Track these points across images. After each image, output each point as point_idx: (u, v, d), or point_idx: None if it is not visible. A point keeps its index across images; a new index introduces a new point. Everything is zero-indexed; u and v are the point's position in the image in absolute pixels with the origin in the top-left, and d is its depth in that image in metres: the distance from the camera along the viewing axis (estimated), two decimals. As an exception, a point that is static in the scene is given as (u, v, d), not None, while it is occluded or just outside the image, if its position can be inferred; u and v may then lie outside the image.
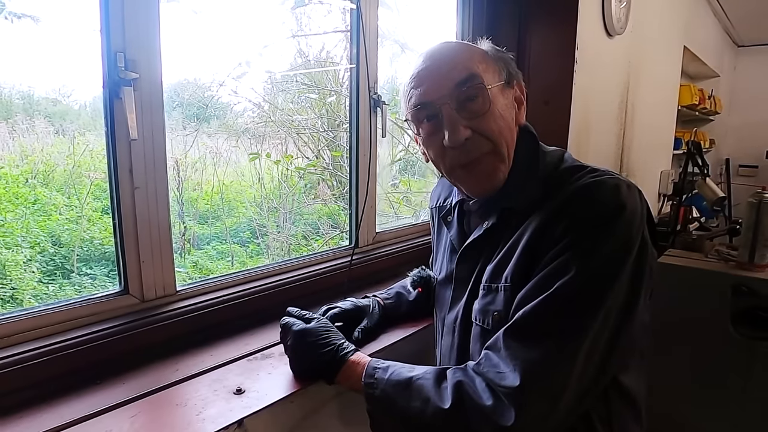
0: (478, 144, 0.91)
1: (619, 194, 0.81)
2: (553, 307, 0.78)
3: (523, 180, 0.93)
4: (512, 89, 0.96)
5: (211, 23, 2.40)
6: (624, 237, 0.79)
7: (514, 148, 0.95)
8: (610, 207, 0.80)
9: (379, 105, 1.56)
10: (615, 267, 0.78)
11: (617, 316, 0.79)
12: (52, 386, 0.91)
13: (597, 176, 0.86)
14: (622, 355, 0.84)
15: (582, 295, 0.77)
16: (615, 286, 0.78)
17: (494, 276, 0.91)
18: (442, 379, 0.85)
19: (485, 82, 0.89)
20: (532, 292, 0.81)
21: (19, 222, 2.50)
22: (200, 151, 3.19)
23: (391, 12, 2.12)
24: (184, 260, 2.91)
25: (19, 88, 2.62)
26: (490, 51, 0.96)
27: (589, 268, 0.78)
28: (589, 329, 0.77)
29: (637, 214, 0.81)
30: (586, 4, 1.89)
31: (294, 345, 0.99)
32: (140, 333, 1.04)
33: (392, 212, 3.19)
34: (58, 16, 1.95)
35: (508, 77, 0.95)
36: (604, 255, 0.78)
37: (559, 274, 0.78)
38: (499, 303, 0.89)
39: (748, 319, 1.86)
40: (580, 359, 0.76)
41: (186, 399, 0.92)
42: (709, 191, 2.59)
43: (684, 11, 3.34)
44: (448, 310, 1.05)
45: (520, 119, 0.98)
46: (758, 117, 5.54)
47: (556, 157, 0.95)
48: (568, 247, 0.80)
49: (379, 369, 0.90)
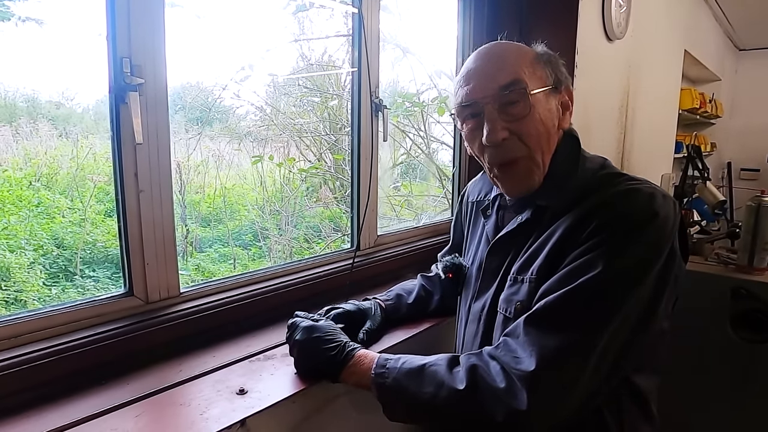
0: (514, 146, 0.94)
1: (653, 202, 0.83)
2: (576, 300, 0.80)
3: (561, 182, 0.95)
4: (559, 94, 0.98)
5: (213, 27, 2.42)
6: (653, 243, 0.82)
7: (556, 150, 0.98)
8: (643, 213, 0.83)
9: (380, 109, 1.57)
10: (641, 271, 0.80)
11: (637, 319, 0.81)
12: (57, 386, 0.93)
13: (634, 184, 0.88)
14: (637, 357, 0.86)
15: (605, 293, 0.79)
16: (638, 289, 0.80)
17: (522, 269, 0.94)
18: (455, 364, 0.86)
19: (528, 87, 0.92)
20: (557, 285, 0.83)
21: (23, 224, 2.51)
22: (203, 155, 3.21)
23: (392, 16, 2.14)
24: (187, 263, 2.93)
25: (23, 92, 2.64)
26: (541, 55, 0.97)
27: (615, 267, 0.79)
28: (608, 327, 0.78)
29: (669, 224, 0.83)
30: (587, 8, 1.90)
31: (301, 340, 0.99)
32: (144, 334, 1.05)
33: (393, 215, 3.20)
34: (62, 20, 1.97)
35: (555, 82, 0.96)
36: (632, 258, 0.80)
37: (585, 270, 0.80)
38: (523, 294, 0.91)
39: (748, 322, 1.86)
40: (596, 355, 0.78)
41: (189, 399, 0.93)
42: (710, 195, 2.59)
43: (684, 15, 3.35)
44: (476, 298, 1.07)
45: (563, 124, 0.99)
46: (760, 121, 5.54)
47: (596, 163, 0.97)
48: (597, 245, 0.82)
49: (391, 359, 0.91)
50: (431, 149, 3.22)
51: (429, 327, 1.28)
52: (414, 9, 2.40)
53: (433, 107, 2.99)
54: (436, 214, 3.03)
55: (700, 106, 4.26)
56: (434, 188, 3.28)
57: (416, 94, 3.02)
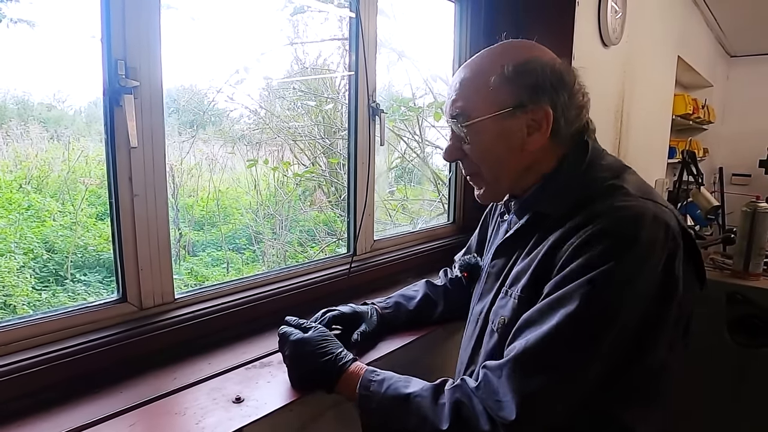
0: (467, 165, 1.01)
1: (637, 226, 0.78)
2: (554, 343, 0.77)
3: (557, 190, 0.93)
4: (524, 113, 0.91)
5: (208, 30, 2.40)
6: (633, 273, 0.77)
7: (560, 159, 0.95)
8: (623, 238, 0.78)
9: (377, 113, 1.56)
10: (618, 306, 0.77)
11: (622, 355, 0.78)
12: (49, 395, 0.90)
13: (626, 201, 0.83)
14: (624, 395, 0.83)
15: (583, 334, 0.77)
16: (618, 325, 0.77)
17: (513, 282, 0.94)
18: (440, 394, 0.85)
19: (472, 116, 0.93)
20: (538, 317, 0.81)
21: (13, 228, 2.48)
22: (196, 158, 3.19)
23: (388, 20, 2.13)
24: (180, 267, 2.90)
25: (14, 93, 2.61)
26: (507, 72, 0.91)
27: (591, 304, 0.76)
28: (589, 368, 0.77)
29: (655, 251, 0.78)
30: (583, 14, 1.91)
31: (292, 355, 0.99)
32: (138, 341, 1.03)
33: (388, 220, 3.19)
34: (54, 22, 1.95)
35: (518, 102, 0.91)
36: (609, 292, 0.77)
37: (562, 304, 0.78)
38: (508, 309, 0.91)
39: (744, 327, 1.87)
40: (577, 397, 0.78)
41: (185, 408, 0.91)
42: (704, 200, 2.61)
43: (678, 21, 3.37)
44: (479, 300, 1.07)
45: (531, 144, 0.93)
46: (751, 126, 5.58)
47: (610, 172, 0.91)
48: (574, 274, 0.79)
49: (374, 382, 0.90)
50: (425, 153, 3.21)
51: (426, 334, 1.27)
52: (410, 13, 2.39)
53: (428, 112, 2.99)
54: (432, 219, 3.02)
55: (693, 112, 4.29)
56: (429, 192, 3.27)
57: (411, 99, 3.02)
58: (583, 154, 0.94)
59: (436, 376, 1.23)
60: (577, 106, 0.94)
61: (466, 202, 2.06)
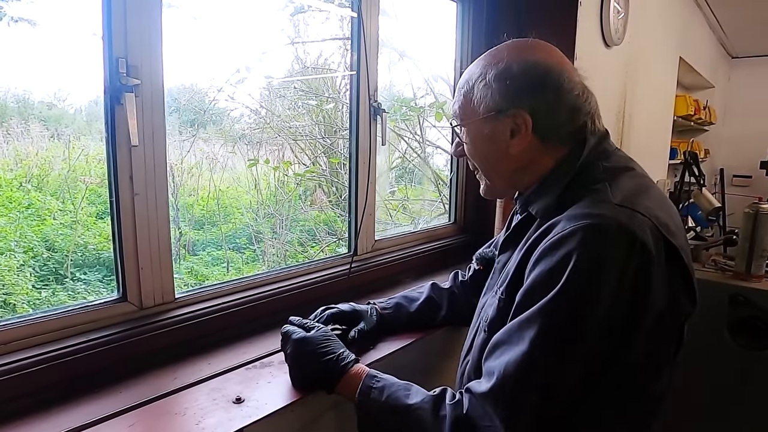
0: (469, 162, 1.05)
1: (595, 240, 0.76)
2: (527, 367, 0.77)
3: (547, 190, 0.93)
4: (506, 117, 0.91)
5: (209, 29, 2.40)
6: (586, 293, 0.75)
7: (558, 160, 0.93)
8: (578, 254, 0.75)
9: (379, 113, 1.56)
10: (574, 328, 0.75)
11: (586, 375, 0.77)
12: (48, 395, 0.90)
13: (596, 209, 0.80)
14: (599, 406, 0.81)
15: (550, 354, 0.76)
16: (583, 343, 0.76)
17: (502, 282, 0.94)
18: (440, 406, 0.85)
19: (464, 120, 0.99)
20: (507, 339, 0.81)
21: (13, 226, 2.48)
22: (196, 157, 3.19)
23: (389, 19, 2.13)
24: (180, 266, 2.90)
25: (14, 92, 2.61)
26: (494, 75, 0.92)
27: (550, 326, 0.76)
28: (563, 384, 0.77)
29: (617, 263, 0.75)
30: (585, 14, 1.90)
31: (293, 353, 0.99)
32: (138, 340, 1.02)
33: (389, 220, 3.18)
34: (55, 20, 1.95)
35: (500, 107, 0.91)
36: (563, 313, 0.76)
37: (527, 327, 0.78)
38: (493, 309, 0.93)
39: (746, 329, 1.86)
40: (558, 408, 0.78)
41: (185, 408, 0.91)
42: (705, 201, 2.60)
43: (679, 22, 3.37)
44: (483, 294, 1.08)
45: (514, 147, 0.92)
46: (752, 127, 5.59)
47: (607, 174, 0.89)
48: (535, 291, 0.79)
49: (375, 389, 0.90)
50: (426, 153, 3.21)
51: (427, 335, 1.27)
52: (411, 12, 2.39)
53: (429, 112, 2.98)
54: (432, 219, 3.01)
55: (695, 113, 4.28)
56: (429, 193, 3.27)
57: (413, 99, 3.01)
58: (577, 156, 0.92)
59: (437, 378, 1.23)
60: (569, 108, 0.91)
61: (467, 202, 2.06)
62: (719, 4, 3.80)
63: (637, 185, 0.88)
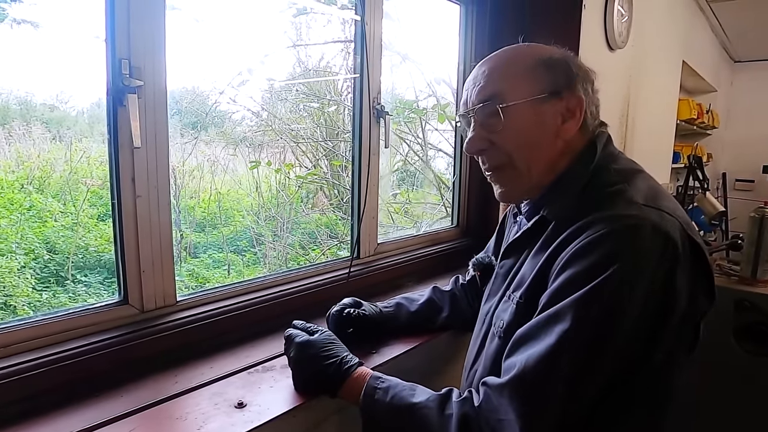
0: (494, 156, 0.96)
1: (632, 239, 0.76)
2: (551, 361, 0.76)
3: (563, 192, 0.91)
4: (559, 100, 0.92)
5: (212, 32, 2.39)
6: (625, 288, 0.74)
7: (572, 158, 0.94)
8: (614, 253, 0.75)
9: (382, 115, 1.55)
10: (611, 322, 0.75)
11: (618, 369, 0.77)
12: (49, 399, 0.89)
13: (626, 210, 0.80)
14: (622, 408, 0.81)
15: (578, 350, 0.75)
16: (611, 342, 0.75)
17: (516, 286, 0.93)
18: (446, 405, 0.84)
19: (507, 100, 0.91)
20: (533, 334, 0.80)
21: (14, 228, 2.47)
22: (198, 159, 3.18)
23: (392, 22, 2.12)
24: (181, 269, 2.89)
25: (16, 94, 2.60)
26: (543, 61, 0.92)
27: (583, 322, 0.75)
28: (584, 389, 0.76)
29: (650, 265, 0.75)
30: (589, 17, 1.90)
31: (296, 357, 0.98)
32: (139, 344, 1.02)
33: (391, 223, 3.17)
34: (58, 22, 1.94)
35: (554, 89, 0.91)
36: (601, 308, 0.75)
37: (556, 321, 0.77)
38: (509, 314, 0.91)
39: (752, 335, 1.85)
40: (578, 411, 0.76)
41: (186, 412, 0.90)
42: (709, 205, 2.59)
43: (683, 26, 3.36)
44: (486, 301, 1.07)
45: (566, 133, 0.93)
46: (754, 132, 5.58)
47: (620, 176, 0.89)
48: (566, 288, 0.78)
49: (379, 390, 0.89)
50: (428, 156, 3.20)
51: (431, 339, 1.26)
52: (414, 15, 2.38)
53: (432, 114, 2.98)
54: (434, 222, 3.00)
55: (698, 117, 4.27)
56: (431, 196, 3.26)
57: (415, 101, 3.01)
58: (592, 156, 0.93)
59: (441, 382, 1.21)
60: (597, 104, 0.97)
61: (470, 205, 2.05)
62: (722, 8, 3.80)
63: (651, 187, 0.89)
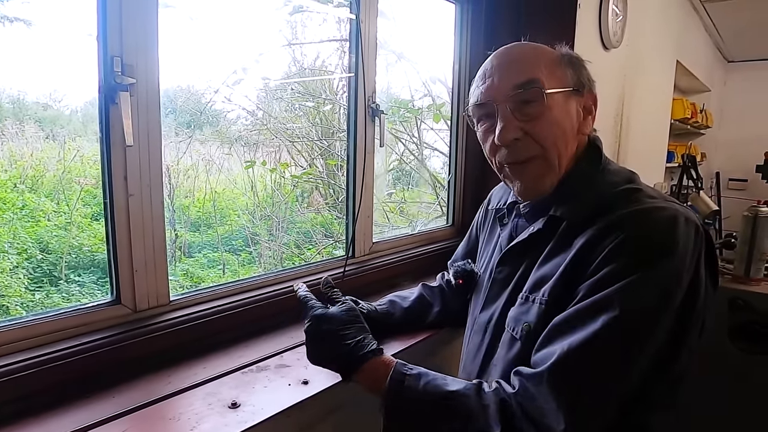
0: (527, 146, 0.91)
1: (673, 229, 0.78)
2: (594, 351, 0.75)
3: (576, 191, 0.91)
4: (582, 97, 0.95)
5: (206, 30, 2.38)
6: (672, 277, 0.76)
7: (576, 158, 0.95)
8: (661, 241, 0.77)
9: (377, 114, 1.54)
10: (661, 310, 0.76)
11: (657, 359, 0.77)
12: (40, 399, 0.88)
13: (655, 203, 0.83)
14: (652, 401, 0.82)
15: (623, 339, 0.75)
16: (658, 330, 0.76)
17: (534, 287, 0.90)
18: (481, 393, 0.81)
19: (545, 87, 0.89)
20: (574, 322, 0.78)
21: (7, 228, 2.46)
22: (192, 158, 3.16)
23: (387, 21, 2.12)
24: (175, 268, 2.88)
25: (9, 92, 2.58)
26: (563, 56, 0.95)
27: (632, 309, 0.75)
28: (629, 374, 0.76)
29: (689, 253, 0.78)
30: (584, 17, 1.90)
31: (311, 331, 0.94)
32: (132, 344, 1.01)
33: (386, 222, 3.17)
34: (50, 20, 1.93)
35: (577, 85, 0.93)
36: (650, 296, 0.75)
37: (601, 310, 0.76)
38: (533, 315, 0.87)
39: (746, 333, 1.86)
40: (617, 402, 0.76)
41: (179, 413, 0.89)
42: (703, 204, 2.59)
43: (677, 26, 3.38)
44: (482, 309, 1.04)
45: (584, 129, 0.96)
46: (747, 131, 5.61)
47: (621, 176, 0.92)
48: (611, 278, 0.77)
49: (409, 375, 0.85)
50: (423, 156, 3.20)
51: (427, 338, 1.25)
52: (409, 14, 2.38)
53: (427, 113, 2.97)
54: (429, 221, 3.00)
55: (692, 116, 4.29)
56: (426, 195, 3.26)
57: (410, 101, 3.00)
58: (598, 156, 0.95)
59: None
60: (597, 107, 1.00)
61: (465, 204, 2.05)
62: (716, 8, 3.82)
63: (648, 186, 0.92)
